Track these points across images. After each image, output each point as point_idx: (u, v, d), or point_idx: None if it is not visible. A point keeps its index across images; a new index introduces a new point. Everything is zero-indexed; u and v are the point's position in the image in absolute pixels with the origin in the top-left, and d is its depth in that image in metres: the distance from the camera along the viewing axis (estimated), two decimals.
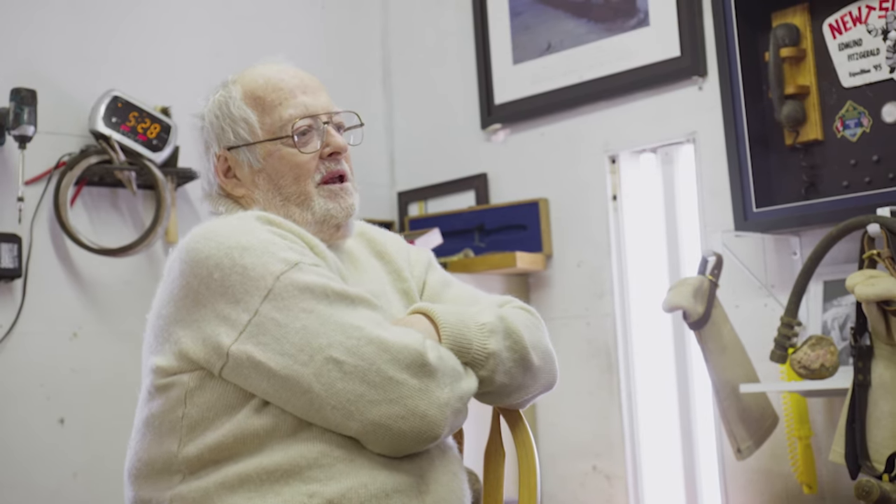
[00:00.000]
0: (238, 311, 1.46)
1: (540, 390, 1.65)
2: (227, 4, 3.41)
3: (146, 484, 1.54)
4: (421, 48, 3.75)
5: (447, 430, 1.47)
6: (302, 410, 1.45)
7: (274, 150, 1.65)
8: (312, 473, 1.44)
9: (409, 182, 3.71)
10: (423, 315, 1.57)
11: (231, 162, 1.68)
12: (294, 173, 1.65)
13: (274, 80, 1.68)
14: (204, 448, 1.48)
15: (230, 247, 1.49)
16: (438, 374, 1.46)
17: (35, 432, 2.84)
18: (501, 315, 1.59)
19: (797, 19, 2.68)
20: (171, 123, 3.04)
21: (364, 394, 1.42)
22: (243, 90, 1.68)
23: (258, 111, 1.66)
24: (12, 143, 2.82)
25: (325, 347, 1.43)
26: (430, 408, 1.43)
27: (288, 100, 1.66)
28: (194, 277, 1.50)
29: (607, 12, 3.17)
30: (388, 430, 1.42)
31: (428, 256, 1.83)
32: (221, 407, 1.49)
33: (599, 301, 3.17)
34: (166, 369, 1.52)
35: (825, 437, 2.65)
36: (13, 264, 2.80)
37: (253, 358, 1.45)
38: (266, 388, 1.45)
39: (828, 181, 2.64)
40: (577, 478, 3.18)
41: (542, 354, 1.63)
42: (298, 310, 1.45)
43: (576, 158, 3.25)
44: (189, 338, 1.49)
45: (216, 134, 1.68)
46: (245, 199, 1.68)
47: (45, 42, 2.98)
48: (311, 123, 1.66)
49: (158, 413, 1.53)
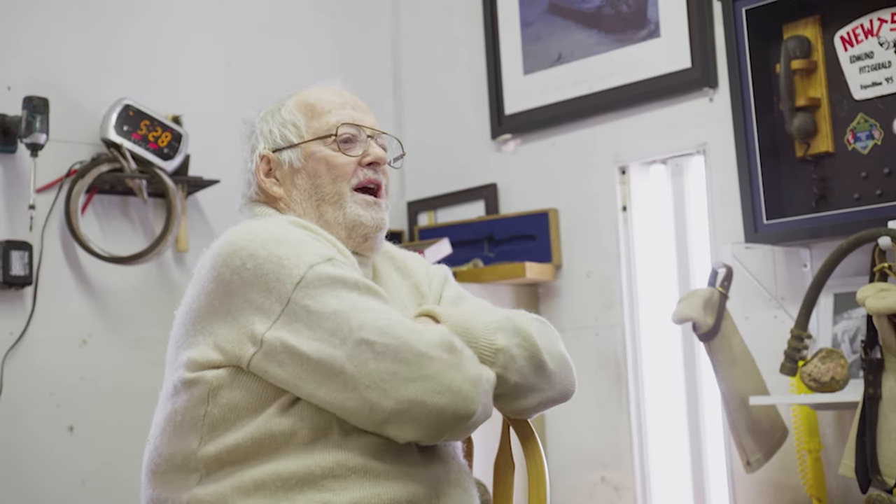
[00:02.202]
0: (271, 299, 1.48)
1: (556, 396, 1.64)
2: (238, 14, 3.42)
3: (164, 482, 1.55)
4: (431, 58, 3.76)
5: (481, 411, 1.47)
6: (335, 394, 1.45)
7: (316, 150, 1.71)
8: (326, 483, 1.45)
9: (418, 192, 3.71)
10: (428, 316, 1.59)
11: (273, 163, 1.73)
12: (332, 173, 1.70)
13: (327, 94, 1.76)
14: (223, 448, 1.49)
15: (265, 239, 1.52)
16: (466, 354, 1.48)
17: (44, 440, 2.85)
18: (508, 315, 1.61)
19: (808, 31, 2.68)
20: (181, 132, 3.05)
21: (398, 371, 1.42)
22: (297, 100, 1.76)
23: (307, 116, 1.73)
24: (24, 151, 2.83)
25: (357, 329, 1.44)
26: (465, 383, 1.44)
27: (337, 109, 1.73)
28: (227, 268, 1.52)
29: (618, 23, 3.17)
30: (423, 406, 1.42)
31: (445, 272, 1.86)
32: (243, 409, 1.50)
33: (609, 312, 3.16)
34: (200, 362, 1.52)
35: (835, 451, 2.64)
36: (24, 271, 2.81)
37: (287, 343, 1.46)
38: (299, 373, 1.46)
39: (839, 193, 2.63)
40: (586, 489, 3.17)
41: (557, 360, 1.63)
42: (329, 297, 1.47)
43: (586, 169, 3.25)
44: (224, 328, 1.51)
45: (263, 136, 1.75)
46: (282, 200, 1.72)
47: (57, 51, 2.99)
48: (355, 133, 1.72)
49: (182, 409, 1.54)
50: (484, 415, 1.49)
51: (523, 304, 3.26)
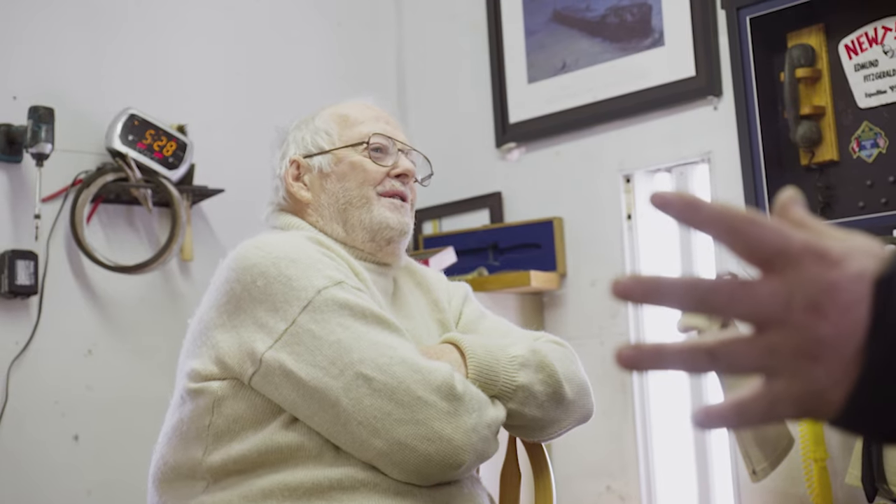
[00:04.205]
0: (276, 319, 1.48)
1: (573, 424, 1.64)
2: (243, 23, 3.43)
3: (170, 490, 1.56)
4: (436, 66, 3.76)
5: (473, 458, 1.45)
6: (328, 425, 1.44)
7: (346, 156, 1.72)
8: (335, 494, 1.44)
9: (423, 200, 3.67)
10: (453, 345, 1.57)
11: (303, 168, 1.74)
12: (360, 178, 1.70)
13: (361, 107, 1.79)
14: (228, 459, 1.49)
15: (278, 257, 1.52)
16: (466, 400, 1.45)
17: (49, 449, 2.85)
18: (535, 348, 1.59)
19: (812, 40, 2.68)
20: (187, 141, 3.05)
21: (391, 412, 1.41)
22: (331, 111, 1.78)
23: (340, 126, 1.75)
24: (30, 161, 2.83)
25: (357, 363, 1.43)
26: (456, 432, 1.42)
27: (370, 121, 1.75)
28: (238, 283, 1.52)
29: (622, 32, 3.18)
30: (412, 451, 1.41)
31: (465, 290, 1.86)
32: (248, 420, 1.49)
33: (613, 321, 3.16)
34: (201, 373, 1.52)
35: (841, 460, 2.64)
36: (29, 281, 2.81)
37: (284, 366, 1.45)
38: (294, 398, 1.46)
39: (843, 202, 2.63)
40: (591, 498, 3.16)
41: (577, 388, 1.63)
42: (335, 324, 1.46)
43: (590, 177, 3.25)
44: (226, 342, 1.51)
45: (296, 143, 1.76)
46: (309, 206, 1.72)
47: (62, 60, 3.00)
48: (387, 144, 1.74)
49: (188, 419, 1.54)
50: (479, 460, 1.48)
51: (528, 312, 3.26)
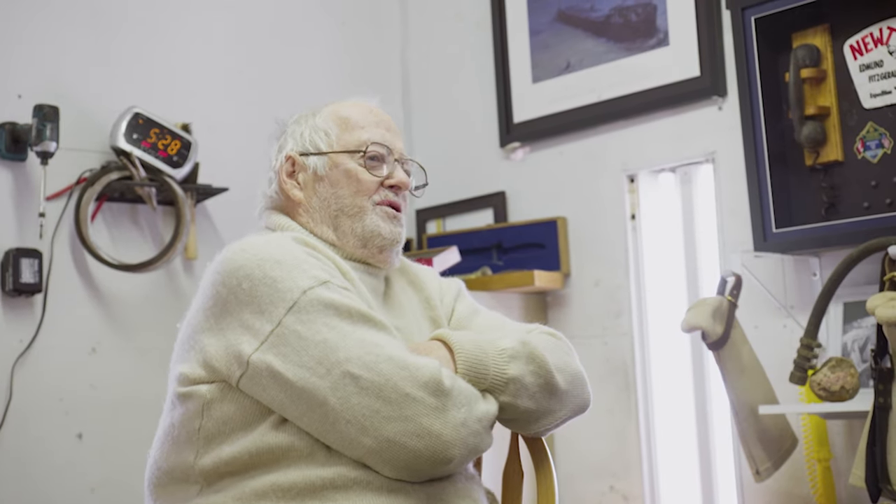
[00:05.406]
0: (262, 321, 1.48)
1: (569, 414, 1.63)
2: (247, 21, 3.43)
3: (165, 494, 1.56)
4: (440, 66, 3.76)
5: (463, 453, 1.45)
6: (316, 424, 1.45)
7: (342, 162, 1.71)
8: (328, 493, 1.44)
9: (427, 200, 3.71)
10: (441, 342, 1.57)
11: (298, 166, 1.73)
12: (354, 188, 1.70)
13: (363, 110, 1.76)
14: (220, 461, 1.49)
15: (263, 259, 1.52)
16: (454, 395, 1.45)
17: (53, 447, 2.85)
18: (524, 340, 1.59)
19: (817, 40, 2.67)
20: (191, 140, 3.06)
21: (379, 409, 1.41)
22: (333, 110, 1.77)
23: (340, 128, 1.74)
24: (34, 159, 2.84)
25: (343, 362, 1.43)
26: (445, 427, 1.43)
27: (371, 127, 1.73)
28: (224, 287, 1.52)
29: (627, 32, 3.18)
30: (401, 447, 1.41)
31: (458, 286, 1.85)
32: (238, 422, 1.50)
33: (617, 320, 3.16)
34: (190, 377, 1.53)
35: (845, 460, 2.63)
36: (34, 279, 2.81)
37: (271, 368, 1.45)
38: (282, 399, 1.46)
39: (848, 202, 2.62)
40: (594, 498, 3.16)
41: (570, 377, 1.63)
42: (321, 324, 1.46)
43: (594, 177, 3.25)
44: (213, 345, 1.51)
45: (293, 138, 1.75)
46: (300, 206, 1.72)
47: (67, 59, 3.01)
48: (384, 153, 1.72)
49: (178, 423, 1.54)
50: (470, 455, 1.47)
51: (532, 312, 3.26)
